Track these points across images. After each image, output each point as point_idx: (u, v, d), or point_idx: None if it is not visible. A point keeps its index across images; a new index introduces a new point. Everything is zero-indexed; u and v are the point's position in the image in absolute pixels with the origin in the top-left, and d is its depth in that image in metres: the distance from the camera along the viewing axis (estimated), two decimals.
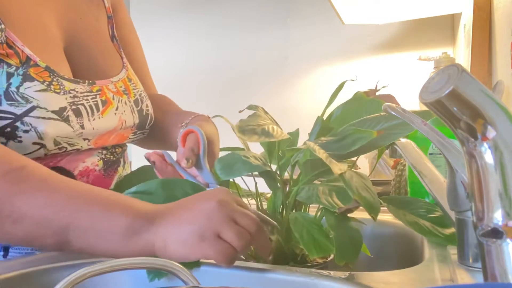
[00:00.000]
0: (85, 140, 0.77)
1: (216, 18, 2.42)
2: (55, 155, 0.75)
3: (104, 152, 0.83)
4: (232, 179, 0.70)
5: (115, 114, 0.81)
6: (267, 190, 0.72)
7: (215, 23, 2.42)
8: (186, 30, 2.46)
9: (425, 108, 0.37)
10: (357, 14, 1.85)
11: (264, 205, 0.71)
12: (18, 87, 0.70)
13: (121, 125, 0.83)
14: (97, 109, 0.78)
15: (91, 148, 0.79)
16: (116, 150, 0.86)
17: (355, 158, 0.72)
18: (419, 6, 1.76)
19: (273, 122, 0.68)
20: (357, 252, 0.59)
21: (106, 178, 0.83)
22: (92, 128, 0.77)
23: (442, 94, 0.34)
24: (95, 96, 0.79)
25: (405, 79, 2.04)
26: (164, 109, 0.94)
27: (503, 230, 0.35)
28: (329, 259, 0.67)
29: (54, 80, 0.74)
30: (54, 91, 0.73)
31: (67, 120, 0.73)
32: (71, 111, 0.74)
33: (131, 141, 0.90)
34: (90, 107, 0.77)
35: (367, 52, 2.16)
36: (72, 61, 0.81)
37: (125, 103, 0.84)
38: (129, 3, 2.50)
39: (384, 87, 0.79)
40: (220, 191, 0.58)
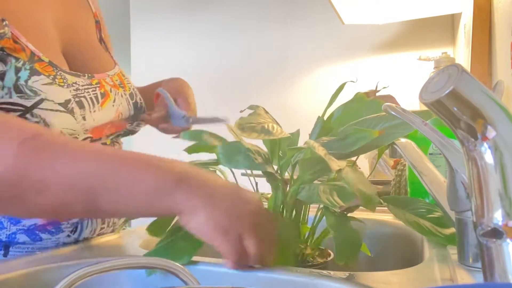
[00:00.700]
0: (85, 132, 0.79)
1: (216, 18, 2.42)
2: None
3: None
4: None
5: (113, 106, 0.84)
6: (267, 190, 0.72)
7: (215, 23, 2.42)
8: (186, 30, 2.46)
9: (425, 108, 0.37)
10: (357, 14, 1.85)
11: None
12: (26, 81, 0.72)
13: (118, 116, 0.86)
14: (97, 101, 0.81)
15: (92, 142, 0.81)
16: (114, 146, 0.89)
17: (354, 158, 0.72)
18: (419, 6, 1.76)
19: (273, 121, 0.68)
20: (356, 252, 0.59)
21: None
22: (93, 119, 0.79)
23: (442, 94, 0.34)
24: (95, 89, 0.81)
25: (405, 79, 2.04)
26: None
27: (503, 230, 0.35)
28: (329, 259, 0.67)
29: (58, 74, 0.76)
30: (59, 84, 0.75)
31: (72, 112, 0.75)
32: (75, 103, 0.76)
33: (127, 132, 0.92)
34: (91, 99, 0.80)
35: (367, 52, 2.16)
36: (68, 62, 0.83)
37: (121, 95, 0.87)
38: (129, 4, 2.50)
39: (384, 87, 0.79)
40: (258, 199, 0.59)
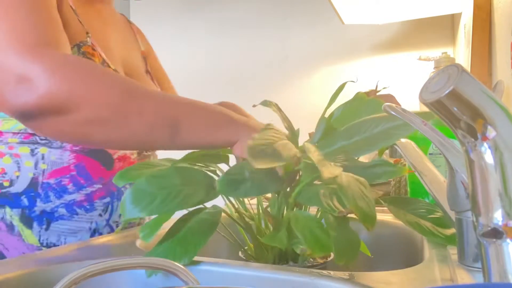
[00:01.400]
0: None
1: (216, 18, 2.42)
2: None
3: None
4: None
5: None
6: None
7: (215, 23, 2.42)
8: (186, 30, 2.46)
9: (425, 108, 0.37)
10: (357, 14, 1.85)
11: (265, 205, 0.71)
12: None
13: None
14: None
15: None
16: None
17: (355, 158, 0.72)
18: (419, 6, 1.76)
19: (286, 120, 0.72)
20: (356, 252, 0.58)
21: None
22: None
23: (442, 94, 0.34)
24: None
25: (405, 79, 2.04)
26: None
27: (503, 230, 0.35)
28: (329, 259, 0.67)
29: None
30: None
31: None
32: None
33: None
34: None
35: (367, 52, 2.16)
36: None
37: None
38: (129, 4, 2.50)
39: (384, 87, 0.79)
40: None
